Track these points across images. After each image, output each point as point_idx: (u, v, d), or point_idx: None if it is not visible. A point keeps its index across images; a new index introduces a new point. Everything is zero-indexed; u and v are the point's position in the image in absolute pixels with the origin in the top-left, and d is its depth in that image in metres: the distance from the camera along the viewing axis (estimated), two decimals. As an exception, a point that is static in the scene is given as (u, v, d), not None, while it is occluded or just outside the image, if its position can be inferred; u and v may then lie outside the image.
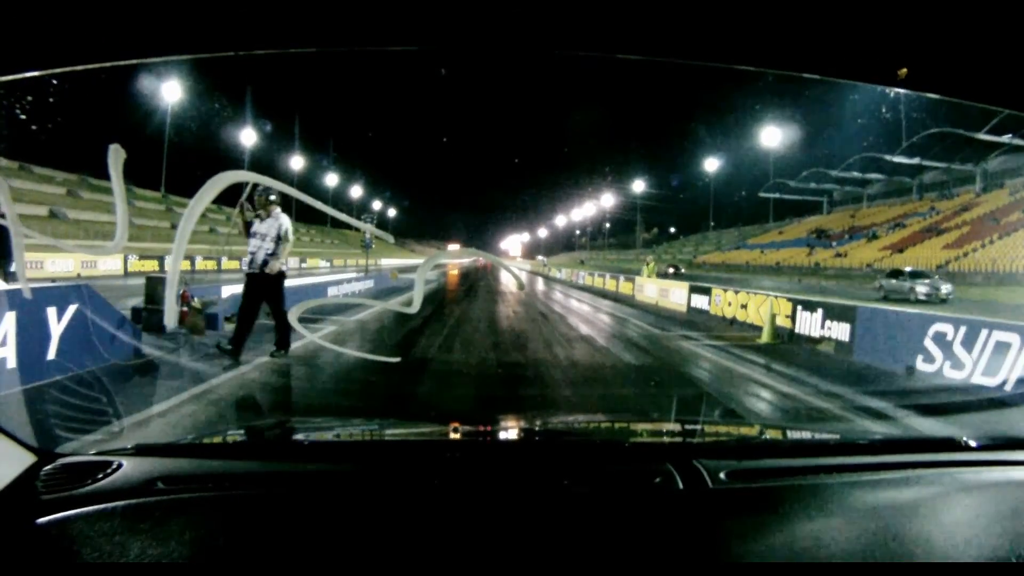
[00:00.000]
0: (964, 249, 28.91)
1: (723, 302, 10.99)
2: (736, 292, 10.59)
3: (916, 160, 37.00)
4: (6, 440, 1.04)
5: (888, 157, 37.57)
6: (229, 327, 6.41)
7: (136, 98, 36.81)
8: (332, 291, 12.46)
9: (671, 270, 31.48)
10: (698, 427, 1.88)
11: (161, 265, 23.84)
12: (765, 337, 8.41)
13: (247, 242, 5.45)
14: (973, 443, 1.31)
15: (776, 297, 9.11)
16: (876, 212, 41.31)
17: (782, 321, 8.63)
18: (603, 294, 19.08)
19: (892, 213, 39.50)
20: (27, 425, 2.18)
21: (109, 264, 21.79)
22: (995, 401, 5.05)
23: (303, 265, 38.60)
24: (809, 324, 8.15)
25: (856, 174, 41.18)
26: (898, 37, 1.12)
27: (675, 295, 13.66)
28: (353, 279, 14.87)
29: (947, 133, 33.81)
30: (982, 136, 32.17)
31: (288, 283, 5.82)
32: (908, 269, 22.07)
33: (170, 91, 38.94)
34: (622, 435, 1.78)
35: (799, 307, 8.49)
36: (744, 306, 10.08)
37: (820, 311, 7.99)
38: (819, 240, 40.36)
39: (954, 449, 1.31)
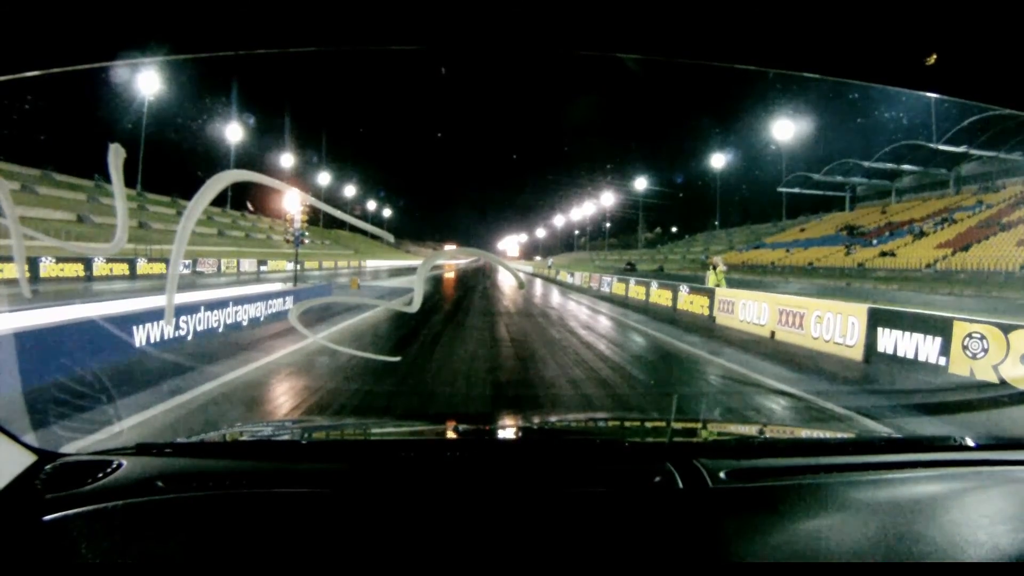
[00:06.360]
0: (1048, 247, 24.62)
1: (1000, 350, 5.61)
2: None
3: (963, 148, 33.03)
4: (7, 440, 1.04)
5: (932, 145, 33.45)
6: None
7: (112, 91, 34.28)
8: (147, 336, 5.80)
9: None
10: (698, 427, 1.89)
11: (132, 269, 22.30)
12: None
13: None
14: (973, 443, 1.31)
15: None
16: (912, 207, 37.41)
17: None
18: (646, 310, 13.69)
19: (930, 207, 35.73)
20: (28, 425, 2.08)
21: (68, 269, 19.57)
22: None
23: (262, 268, 32.97)
24: None
25: (890, 165, 37.06)
26: (906, 34, 1.06)
27: (824, 327, 8.24)
28: (246, 298, 8.24)
29: (998, 117, 29.75)
30: (1049, 118, 28.16)
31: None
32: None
33: (148, 84, 35.50)
34: (622, 435, 1.80)
35: None
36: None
37: None
38: (853, 237, 36.06)
39: (954, 449, 1.32)
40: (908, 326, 6.79)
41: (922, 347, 6.50)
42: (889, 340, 6.98)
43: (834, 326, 8.03)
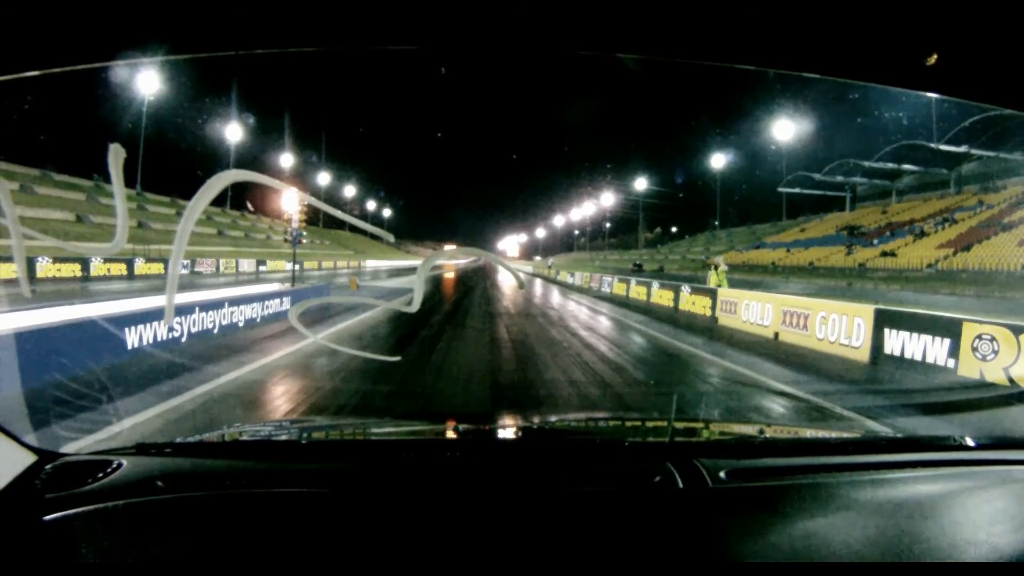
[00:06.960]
0: (1049, 247, 24.60)
1: (1011, 352, 5.53)
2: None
3: (963, 148, 33.01)
4: (7, 440, 1.04)
5: (932, 145, 33.42)
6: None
7: (112, 91, 34.33)
8: (140, 337, 5.42)
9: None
10: (698, 426, 1.90)
11: (130, 269, 22.35)
12: None
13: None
14: (973, 443, 1.31)
15: None
16: (912, 207, 37.38)
17: None
18: (648, 311, 13.69)
19: (931, 208, 35.70)
20: (28, 425, 2.08)
21: (65, 269, 19.49)
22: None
23: (262, 268, 32.95)
24: None
25: (891, 165, 37.03)
26: (906, 34, 1.06)
27: (829, 328, 8.23)
28: (242, 299, 7.89)
29: (998, 117, 29.72)
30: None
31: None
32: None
33: (148, 84, 35.54)
34: (622, 434, 1.80)
35: None
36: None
37: None
38: (854, 238, 36.04)
39: (954, 449, 1.32)
40: (916, 327, 6.70)
41: (930, 349, 6.42)
42: (896, 341, 6.91)
43: (839, 327, 7.99)
